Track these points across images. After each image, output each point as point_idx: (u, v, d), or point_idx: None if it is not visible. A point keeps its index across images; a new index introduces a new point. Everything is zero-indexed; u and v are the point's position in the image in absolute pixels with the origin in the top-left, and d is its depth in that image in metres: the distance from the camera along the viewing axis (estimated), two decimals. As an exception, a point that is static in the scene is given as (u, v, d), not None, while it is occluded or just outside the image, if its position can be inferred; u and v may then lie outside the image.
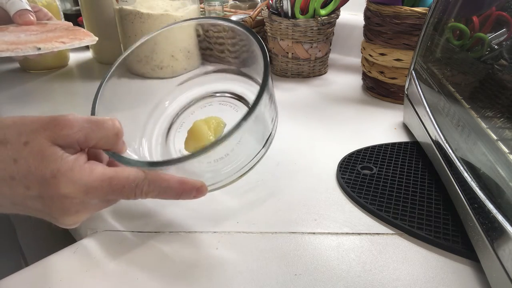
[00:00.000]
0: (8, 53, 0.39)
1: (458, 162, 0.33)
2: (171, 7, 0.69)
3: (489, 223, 0.27)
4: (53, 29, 0.47)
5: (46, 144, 0.24)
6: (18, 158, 0.24)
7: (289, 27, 0.66)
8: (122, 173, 0.26)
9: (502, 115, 0.30)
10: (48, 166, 0.24)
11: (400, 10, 0.53)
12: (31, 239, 0.69)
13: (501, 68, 0.31)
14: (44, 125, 0.25)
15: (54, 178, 0.24)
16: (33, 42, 0.41)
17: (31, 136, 0.24)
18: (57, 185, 0.24)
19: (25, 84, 0.71)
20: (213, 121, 0.37)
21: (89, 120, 0.26)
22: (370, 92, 0.64)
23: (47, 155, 0.24)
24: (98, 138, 0.27)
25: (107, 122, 0.27)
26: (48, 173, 0.24)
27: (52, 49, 0.42)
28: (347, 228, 0.34)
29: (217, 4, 0.80)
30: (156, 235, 0.33)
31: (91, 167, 0.26)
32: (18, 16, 0.46)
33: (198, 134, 0.36)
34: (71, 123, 0.25)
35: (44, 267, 0.30)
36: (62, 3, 0.90)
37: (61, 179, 0.24)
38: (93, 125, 0.26)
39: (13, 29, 0.45)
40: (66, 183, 0.24)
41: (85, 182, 0.25)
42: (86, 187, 0.25)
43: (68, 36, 0.45)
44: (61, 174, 0.24)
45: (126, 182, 0.26)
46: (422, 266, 0.30)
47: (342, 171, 0.41)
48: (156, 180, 0.27)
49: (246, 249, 0.32)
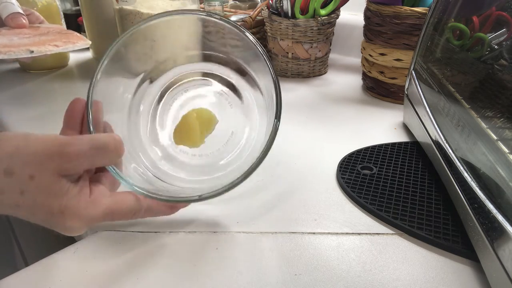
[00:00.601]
0: (1, 56, 0.39)
1: (458, 162, 0.33)
2: (171, 7, 0.69)
3: (489, 223, 0.27)
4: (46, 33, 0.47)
5: (52, 178, 0.25)
6: (25, 191, 0.24)
7: (289, 27, 0.66)
8: (122, 205, 0.28)
9: (502, 115, 0.30)
10: (55, 202, 0.25)
11: (400, 10, 0.53)
12: (31, 239, 0.69)
13: (501, 68, 0.31)
14: (50, 156, 0.25)
15: (61, 213, 0.25)
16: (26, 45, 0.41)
17: (37, 169, 0.24)
18: (63, 220, 0.25)
19: (25, 84, 0.71)
20: (206, 116, 0.37)
21: (94, 146, 0.26)
22: (370, 92, 0.64)
23: (54, 190, 0.25)
24: (103, 162, 0.28)
25: (110, 145, 0.27)
26: (55, 209, 0.25)
27: (45, 52, 0.42)
28: (347, 228, 0.34)
29: (217, 4, 0.80)
30: (156, 235, 0.33)
31: (95, 202, 0.27)
32: (10, 19, 0.46)
33: (189, 130, 0.37)
34: (77, 155, 0.25)
35: (44, 267, 0.30)
36: (62, 3, 0.90)
37: (67, 215, 0.25)
38: (98, 152, 0.27)
39: (5, 32, 0.45)
40: (72, 219, 0.26)
41: (90, 218, 0.26)
42: (91, 221, 0.27)
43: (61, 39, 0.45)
44: (68, 211, 0.25)
45: (125, 213, 0.29)
46: (422, 266, 0.30)
47: (342, 171, 0.41)
48: (150, 208, 0.30)
49: (246, 249, 0.32)
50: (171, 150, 0.38)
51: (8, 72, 0.77)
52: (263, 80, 0.37)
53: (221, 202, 0.37)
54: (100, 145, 0.27)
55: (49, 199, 0.25)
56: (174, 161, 0.38)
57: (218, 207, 0.37)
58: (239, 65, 0.39)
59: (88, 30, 0.78)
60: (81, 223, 0.26)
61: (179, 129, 0.37)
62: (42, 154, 0.24)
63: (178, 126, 0.37)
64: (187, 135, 0.37)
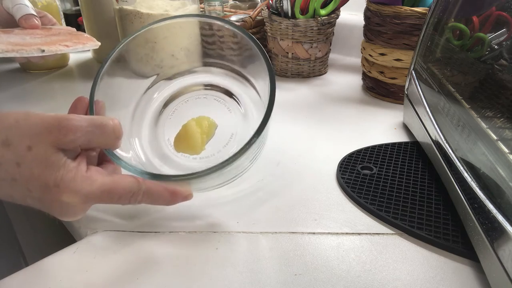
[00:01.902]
0: (13, 54, 0.41)
1: (458, 162, 0.33)
2: (171, 7, 0.69)
3: (489, 223, 0.27)
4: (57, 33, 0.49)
5: (50, 150, 0.25)
6: (21, 163, 0.24)
7: (289, 27, 0.66)
8: (120, 183, 0.27)
9: (502, 115, 0.30)
10: (52, 174, 0.25)
11: (400, 10, 0.53)
12: (31, 239, 0.69)
13: (501, 68, 0.31)
14: (48, 128, 0.25)
15: (56, 187, 0.25)
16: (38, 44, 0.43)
17: (35, 141, 0.24)
18: (59, 193, 0.25)
19: (25, 84, 0.71)
20: (205, 123, 0.37)
21: (92, 123, 0.26)
22: (370, 92, 0.64)
23: (50, 162, 0.25)
24: (100, 141, 0.28)
25: (109, 124, 0.27)
26: (51, 182, 0.25)
27: (56, 52, 0.44)
28: (347, 228, 0.34)
29: (217, 4, 0.80)
30: (156, 235, 0.33)
31: (92, 178, 0.26)
32: (23, 20, 0.47)
33: (191, 138, 0.37)
34: (75, 128, 0.25)
35: (44, 267, 0.30)
36: (62, 3, 0.90)
37: (63, 188, 0.25)
38: (96, 129, 0.27)
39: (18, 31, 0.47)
40: (68, 193, 0.25)
41: (85, 193, 0.26)
42: (86, 197, 0.26)
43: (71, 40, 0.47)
44: (63, 183, 0.25)
45: (123, 193, 0.28)
46: (422, 266, 0.30)
47: (342, 171, 0.41)
48: (149, 191, 0.29)
49: (246, 249, 0.32)
50: (170, 154, 0.38)
51: (8, 72, 0.77)
52: (261, 81, 0.37)
53: (221, 202, 0.37)
54: (98, 123, 0.27)
55: (46, 171, 0.24)
56: (173, 163, 0.38)
57: (218, 207, 0.37)
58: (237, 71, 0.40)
59: (88, 30, 0.78)
60: (76, 198, 0.26)
61: (180, 138, 0.38)
62: (41, 126, 0.25)
63: (178, 135, 0.38)
64: (188, 144, 0.37)
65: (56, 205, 0.26)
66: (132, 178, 0.28)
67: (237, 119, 0.39)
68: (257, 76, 0.38)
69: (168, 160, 0.38)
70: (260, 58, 0.34)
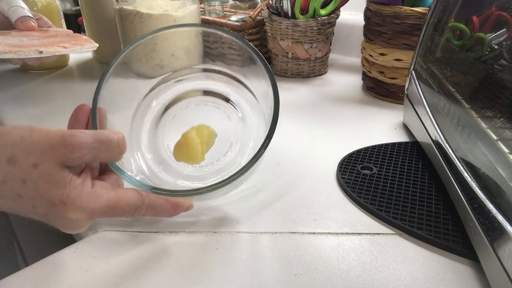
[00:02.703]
0: (11, 55, 0.41)
1: (458, 162, 0.33)
2: (171, 7, 0.69)
3: (489, 223, 0.27)
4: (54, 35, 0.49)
5: (55, 168, 0.25)
6: (27, 180, 0.24)
7: (289, 27, 0.66)
8: (124, 198, 0.28)
9: (502, 115, 0.30)
10: (57, 192, 0.25)
11: (400, 10, 0.53)
12: (31, 239, 0.69)
13: (501, 68, 0.31)
14: (53, 146, 0.25)
15: (63, 204, 0.25)
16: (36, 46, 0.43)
17: (40, 158, 0.24)
18: (65, 210, 0.25)
19: (25, 84, 0.71)
20: (205, 132, 0.37)
21: (97, 139, 0.26)
22: (370, 92, 0.64)
23: (56, 180, 0.25)
24: (104, 156, 0.28)
25: (113, 140, 0.27)
26: (57, 199, 0.25)
27: (54, 53, 0.44)
28: (347, 228, 0.34)
29: (217, 4, 0.80)
30: (156, 235, 0.33)
31: (97, 194, 0.27)
32: (20, 22, 0.48)
33: (191, 148, 0.36)
34: (80, 145, 0.25)
35: (44, 267, 0.30)
36: (62, 3, 0.90)
37: (69, 206, 0.25)
38: (101, 145, 0.27)
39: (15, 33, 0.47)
40: (74, 210, 0.25)
41: (91, 209, 0.26)
42: (92, 213, 0.26)
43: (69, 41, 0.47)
44: (69, 201, 0.25)
45: (127, 208, 0.28)
46: (422, 266, 0.30)
47: (342, 171, 0.41)
48: (152, 204, 0.29)
49: (246, 249, 0.32)
50: (170, 161, 0.38)
51: (8, 72, 0.77)
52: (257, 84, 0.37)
53: (221, 202, 0.37)
54: (103, 139, 0.27)
55: (51, 189, 0.25)
56: (172, 170, 0.38)
57: (218, 207, 0.37)
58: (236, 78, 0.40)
59: (88, 30, 0.78)
60: (82, 215, 0.26)
61: (180, 147, 0.37)
62: (46, 143, 0.25)
63: (178, 144, 0.37)
64: (188, 154, 0.37)
65: (61, 221, 0.26)
66: (135, 192, 0.29)
67: (236, 127, 0.39)
68: (254, 79, 0.38)
69: (167, 167, 0.38)
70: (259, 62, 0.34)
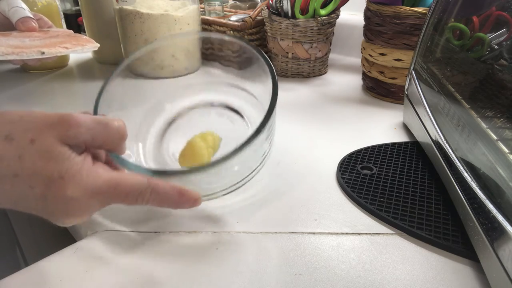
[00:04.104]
0: (13, 56, 0.41)
1: (458, 162, 0.33)
2: (171, 7, 0.69)
3: (489, 223, 0.27)
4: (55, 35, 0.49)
5: (54, 143, 0.24)
6: (24, 155, 0.23)
7: (289, 27, 0.66)
8: (128, 180, 0.26)
9: (502, 115, 0.30)
10: (56, 167, 0.24)
11: (400, 10, 0.53)
12: (31, 239, 0.69)
13: (501, 68, 0.31)
14: (52, 123, 0.24)
15: (61, 179, 0.24)
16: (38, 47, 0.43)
17: (38, 134, 0.24)
18: (64, 186, 0.24)
19: (25, 84, 0.71)
20: (210, 138, 0.37)
21: (96, 121, 0.26)
22: (370, 92, 0.64)
23: (55, 154, 0.24)
24: (104, 140, 0.27)
25: (113, 124, 0.27)
26: (55, 174, 0.24)
27: (56, 54, 0.44)
28: (347, 228, 0.34)
29: (217, 4, 0.80)
30: (156, 235, 0.33)
31: (98, 171, 0.25)
32: (20, 23, 0.47)
33: (196, 153, 0.36)
34: (78, 123, 0.25)
35: (44, 267, 0.30)
36: (62, 3, 0.90)
37: (68, 181, 0.24)
38: (100, 127, 0.26)
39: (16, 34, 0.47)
40: (74, 186, 0.24)
41: (92, 186, 0.25)
42: (93, 192, 0.25)
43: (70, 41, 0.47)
44: (69, 176, 0.24)
45: (130, 190, 0.26)
46: (422, 266, 0.30)
47: (342, 171, 0.41)
48: (158, 190, 0.27)
49: (246, 249, 0.32)
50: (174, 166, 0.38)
51: (8, 72, 0.77)
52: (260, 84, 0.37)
53: (221, 202, 0.37)
54: (102, 121, 0.26)
55: (49, 164, 0.23)
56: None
57: (218, 207, 0.37)
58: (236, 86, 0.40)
59: (88, 30, 0.78)
60: (82, 192, 0.24)
61: (185, 154, 0.37)
62: (44, 121, 0.24)
63: (184, 152, 0.37)
64: (194, 160, 0.36)
65: (60, 202, 0.25)
66: (139, 176, 0.27)
67: (240, 130, 0.39)
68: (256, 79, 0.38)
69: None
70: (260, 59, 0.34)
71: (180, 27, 0.68)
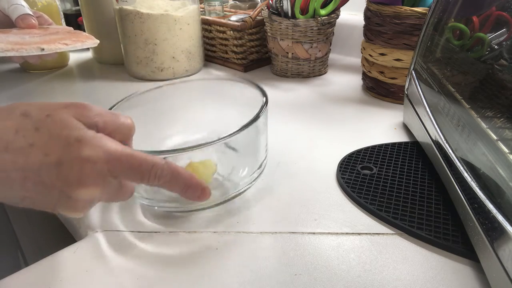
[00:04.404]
0: (13, 53, 0.41)
1: (458, 162, 0.33)
2: (171, 7, 0.69)
3: (489, 223, 0.27)
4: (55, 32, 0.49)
5: (70, 117, 0.25)
6: (40, 127, 0.24)
7: (289, 27, 0.66)
8: (143, 153, 0.27)
9: (502, 115, 0.30)
10: (73, 132, 0.24)
11: (400, 10, 0.53)
12: (31, 239, 0.69)
13: (501, 68, 0.31)
14: (66, 105, 0.26)
15: (78, 142, 0.24)
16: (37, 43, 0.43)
17: (53, 111, 0.25)
18: (80, 147, 0.24)
19: (25, 84, 0.71)
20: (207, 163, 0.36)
21: (107, 110, 0.27)
22: (370, 92, 0.64)
23: (71, 125, 0.25)
24: (114, 127, 0.27)
25: (124, 119, 0.28)
26: (72, 138, 0.24)
27: (56, 50, 0.44)
28: (347, 228, 0.34)
29: (217, 4, 0.80)
30: (156, 235, 0.33)
31: (114, 141, 0.26)
32: (20, 20, 0.48)
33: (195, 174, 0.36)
34: (90, 107, 0.26)
35: (44, 267, 0.30)
36: (62, 3, 0.90)
37: (85, 143, 0.24)
38: (111, 115, 0.27)
39: (16, 31, 0.47)
40: (91, 146, 0.24)
41: (108, 149, 0.25)
42: (109, 155, 0.25)
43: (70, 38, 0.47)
44: (86, 139, 0.24)
45: (144, 161, 0.26)
46: (422, 266, 0.30)
47: (342, 171, 0.41)
48: (171, 165, 0.28)
49: (246, 249, 0.32)
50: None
51: (8, 72, 0.77)
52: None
53: (221, 202, 0.37)
54: (112, 111, 0.28)
55: (66, 130, 0.24)
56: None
57: (218, 207, 0.37)
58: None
59: (88, 30, 0.78)
60: (99, 152, 0.24)
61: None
62: (59, 104, 0.26)
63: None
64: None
65: (75, 165, 0.24)
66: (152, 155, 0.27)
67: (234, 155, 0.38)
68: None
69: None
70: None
71: (180, 27, 0.68)
